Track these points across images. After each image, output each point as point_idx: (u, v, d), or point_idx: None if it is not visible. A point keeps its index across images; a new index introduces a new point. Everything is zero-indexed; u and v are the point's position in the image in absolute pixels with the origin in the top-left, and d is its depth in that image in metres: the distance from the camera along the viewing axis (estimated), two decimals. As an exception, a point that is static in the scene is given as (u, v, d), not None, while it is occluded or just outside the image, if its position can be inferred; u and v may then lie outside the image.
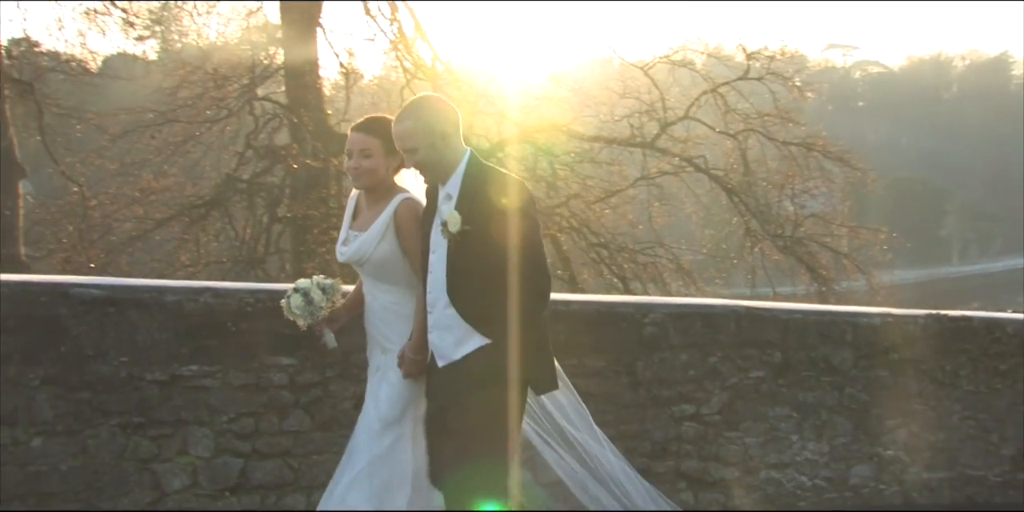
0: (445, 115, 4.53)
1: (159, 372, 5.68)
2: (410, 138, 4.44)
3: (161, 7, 22.06)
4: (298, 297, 4.75)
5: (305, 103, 18.92)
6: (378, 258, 4.66)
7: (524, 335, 4.31)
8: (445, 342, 4.46)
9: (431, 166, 4.47)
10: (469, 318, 4.39)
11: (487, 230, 4.33)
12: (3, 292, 5.52)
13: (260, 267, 18.75)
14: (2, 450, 5.44)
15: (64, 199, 19.30)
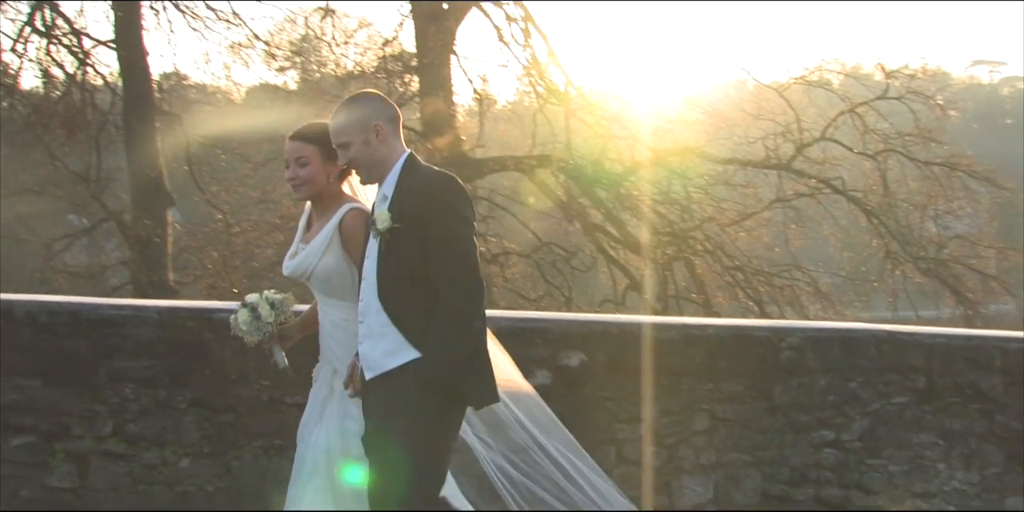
0: (381, 111, 4.21)
1: (299, 396, 5.76)
2: (343, 133, 4.15)
3: (301, 39, 22.71)
4: (245, 312, 4.46)
5: (439, 129, 19.19)
6: (322, 271, 4.34)
7: (455, 344, 3.95)
8: (375, 352, 4.09)
9: (365, 164, 4.17)
10: (400, 325, 4.04)
11: (417, 230, 4.01)
12: (154, 317, 5.72)
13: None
14: (153, 470, 5.63)
15: (209, 226, 19.99)
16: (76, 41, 18.70)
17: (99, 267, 19.99)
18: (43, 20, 18.37)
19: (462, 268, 4.00)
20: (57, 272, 19.24)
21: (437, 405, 3.97)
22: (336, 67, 22.74)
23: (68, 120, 18.34)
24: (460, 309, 3.97)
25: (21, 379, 5.54)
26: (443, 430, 4.03)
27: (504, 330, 5.98)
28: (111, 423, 5.63)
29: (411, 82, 20.87)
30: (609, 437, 6.12)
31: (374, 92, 4.41)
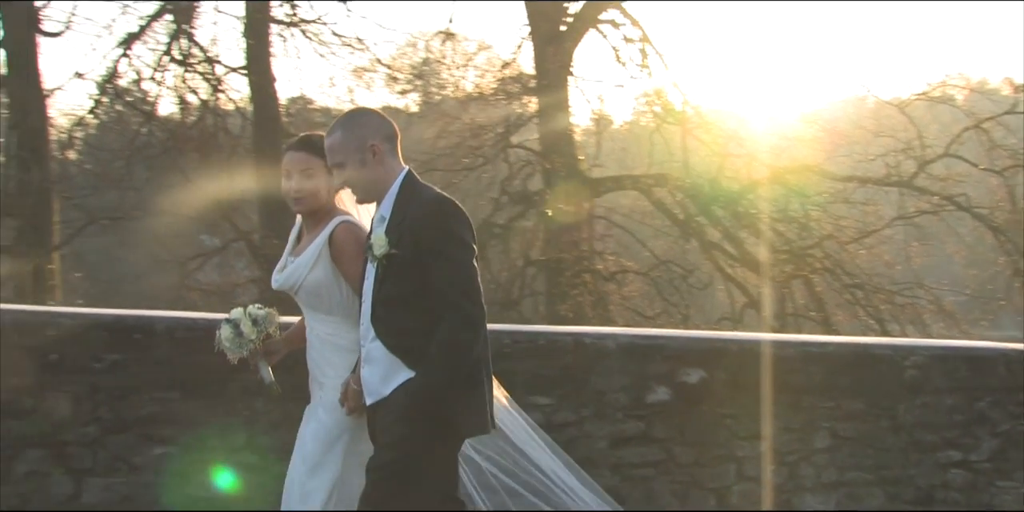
0: (378, 129, 4.08)
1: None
2: (339, 152, 4.04)
3: (422, 62, 23.15)
4: (228, 328, 4.40)
5: (558, 149, 19.36)
6: (310, 285, 4.26)
7: (447, 370, 3.86)
8: (373, 377, 4.03)
9: (361, 184, 4.06)
10: (395, 350, 3.96)
11: (415, 254, 3.91)
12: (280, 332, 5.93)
13: (515, 309, 19.21)
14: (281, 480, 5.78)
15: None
16: (210, 68, 19.40)
17: (230, 285, 20.61)
18: (180, 50, 19.13)
19: (461, 294, 3.88)
20: (192, 290, 19.92)
21: (428, 429, 3.89)
22: (456, 89, 23.13)
23: (202, 144, 19.03)
24: (458, 336, 3.86)
25: (160, 392, 5.77)
26: (436, 454, 3.96)
27: (623, 347, 6.09)
28: (244, 435, 5.81)
29: (529, 103, 21.11)
30: (729, 454, 6.13)
31: (371, 109, 4.33)
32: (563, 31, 19.90)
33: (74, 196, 19.26)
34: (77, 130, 20.14)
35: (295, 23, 19.80)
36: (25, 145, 17.96)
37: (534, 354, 5.97)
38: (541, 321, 17.76)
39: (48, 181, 18.14)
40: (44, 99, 18.52)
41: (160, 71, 19.24)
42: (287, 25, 19.82)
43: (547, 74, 19.48)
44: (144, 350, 5.76)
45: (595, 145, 21.09)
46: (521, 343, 5.98)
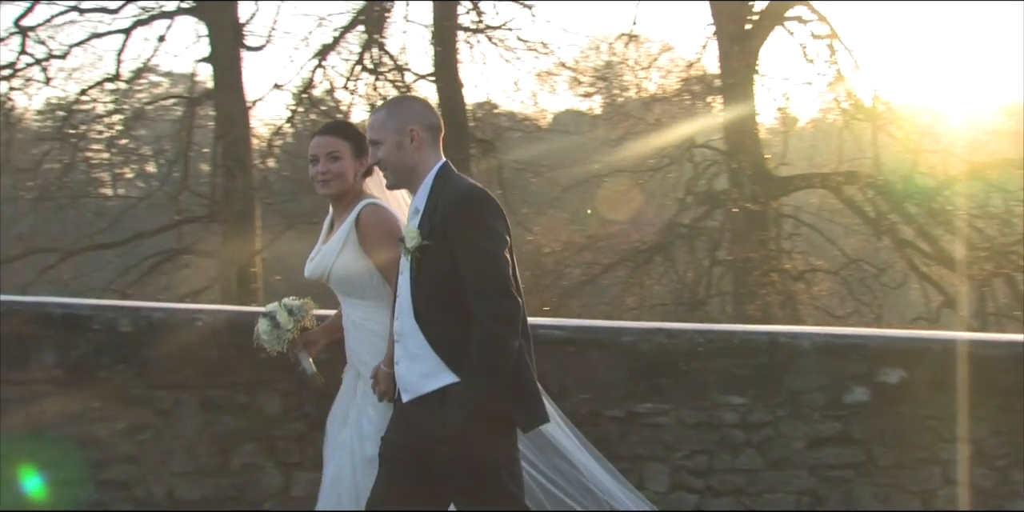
0: (422, 118, 4.06)
1: (617, 409, 5.96)
2: (379, 130, 4.02)
3: (605, 65, 23.24)
4: (265, 322, 4.37)
5: (743, 148, 19.14)
6: (339, 270, 4.25)
7: (495, 370, 3.77)
8: (412, 373, 3.95)
9: (393, 167, 4.02)
10: (437, 348, 3.89)
11: (446, 246, 3.84)
12: (479, 333, 6.07)
13: (702, 309, 19.07)
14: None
15: (521, 247, 20.67)
16: (399, 76, 19.95)
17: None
18: (371, 59, 19.74)
19: (493, 286, 3.80)
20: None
21: (486, 430, 3.82)
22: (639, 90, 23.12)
23: (389, 150, 19.53)
24: (495, 331, 3.77)
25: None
26: (502, 455, 3.91)
27: (819, 346, 6.00)
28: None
29: (714, 103, 20.93)
30: (933, 457, 5.95)
31: (421, 98, 4.38)
32: (748, 29, 19.65)
33: (274, 202, 20.08)
34: (276, 139, 20.98)
35: (481, 29, 20.17)
36: (230, 154, 18.85)
37: (728, 353, 5.95)
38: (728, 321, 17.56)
39: (251, 188, 18.97)
40: (247, 111, 19.40)
41: (352, 80, 19.90)
42: (473, 32, 20.21)
43: (732, 73, 19.27)
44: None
45: (782, 143, 20.75)
46: (714, 342, 5.97)
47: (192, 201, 20.01)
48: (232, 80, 19.09)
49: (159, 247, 19.95)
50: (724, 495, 5.93)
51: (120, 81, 19.99)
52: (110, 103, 21.05)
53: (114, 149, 23.32)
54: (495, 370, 3.78)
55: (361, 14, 19.82)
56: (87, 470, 5.60)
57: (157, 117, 23.66)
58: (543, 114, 24.05)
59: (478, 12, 20.24)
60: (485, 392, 3.77)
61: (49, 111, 23.49)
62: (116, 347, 5.58)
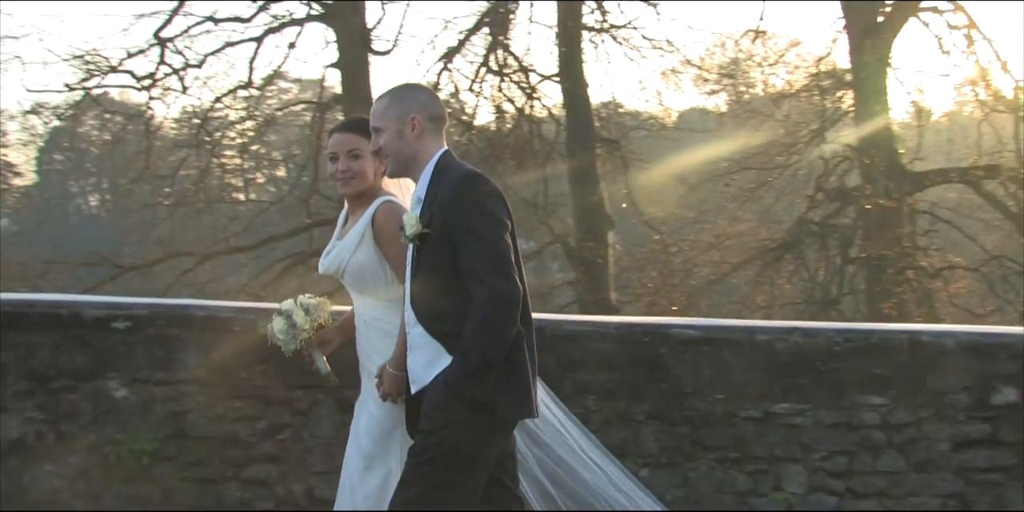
0: (425, 107, 3.99)
1: (753, 409, 5.89)
2: (380, 117, 3.97)
3: (731, 62, 22.97)
4: (280, 320, 4.27)
5: (876, 143, 18.68)
6: (354, 268, 4.17)
7: (481, 353, 3.66)
8: (416, 363, 3.90)
9: (393, 155, 3.97)
10: (435, 334, 3.82)
11: (445, 233, 3.78)
12: (612, 333, 6.04)
13: (835, 308, 18.70)
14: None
15: (647, 247, 20.65)
16: (524, 77, 20.02)
17: (547, 287, 21.15)
18: (496, 60, 19.85)
19: (492, 272, 3.71)
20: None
21: (467, 415, 3.72)
22: (766, 87, 22.78)
23: (518, 151, 19.65)
24: (490, 316, 3.68)
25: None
26: (475, 441, 3.76)
27: (964, 345, 5.82)
28: (575, 434, 5.97)
29: (843, 98, 20.50)
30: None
31: (425, 86, 4.26)
32: (881, 22, 19.17)
33: (401, 205, 20.30)
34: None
35: (605, 29, 20.10)
36: (357, 158, 19.12)
37: (866, 352, 5.82)
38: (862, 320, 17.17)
39: (380, 191, 19.21)
40: (375, 115, 19.64)
41: (478, 82, 20.02)
42: (598, 31, 20.16)
43: (864, 67, 18.81)
44: (480, 349, 5.98)
45: (916, 137, 20.20)
46: (853, 341, 5.85)
47: (322, 204, 20.36)
48: (360, 84, 19.37)
49: (291, 250, 20.36)
50: (865, 497, 5.80)
51: (252, 88, 20.48)
52: (242, 110, 21.61)
53: (246, 155, 23.92)
54: (483, 353, 3.68)
55: (486, 16, 19.93)
56: (229, 469, 5.74)
57: (287, 123, 24.19)
58: (668, 112, 23.88)
59: (602, 11, 20.19)
60: (471, 372, 3.68)
61: (185, 119, 24.22)
62: (256, 348, 5.69)
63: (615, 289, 19.70)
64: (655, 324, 6.22)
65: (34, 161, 32.53)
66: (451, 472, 3.74)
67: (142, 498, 5.68)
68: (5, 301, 5.91)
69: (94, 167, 39.03)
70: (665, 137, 22.06)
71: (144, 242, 20.52)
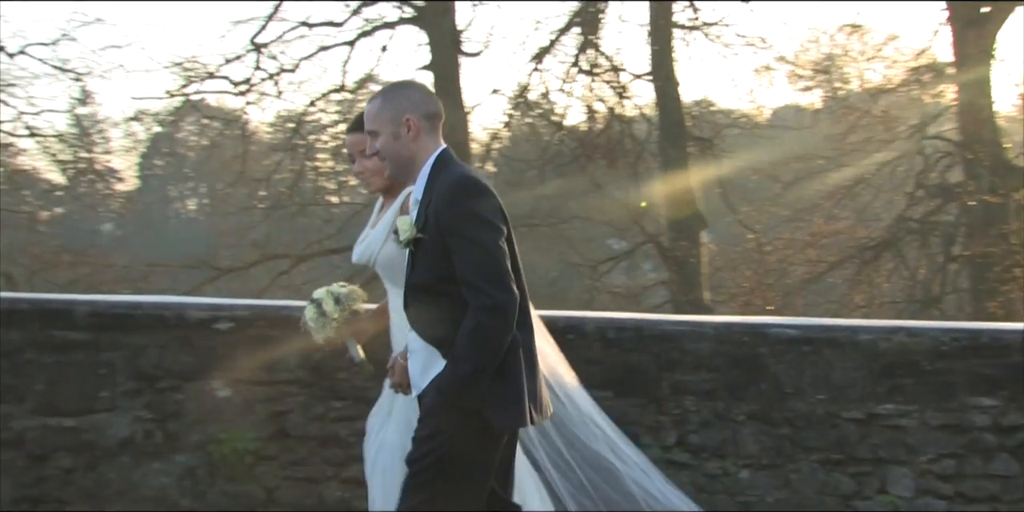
0: (418, 106, 3.89)
1: (855, 410, 5.78)
2: (374, 120, 3.90)
3: (825, 57, 22.61)
4: (312, 309, 4.26)
5: (979, 138, 18.20)
6: (384, 259, 4.18)
7: (473, 361, 3.59)
8: (414, 368, 3.85)
9: (391, 158, 3.89)
10: (430, 340, 3.76)
11: (439, 237, 3.69)
12: (710, 333, 5.97)
13: (936, 307, 18.28)
14: (715, 480, 5.86)
15: (741, 246, 20.43)
16: (615, 77, 19.97)
17: (639, 287, 21.04)
18: (587, 60, 19.82)
19: (486, 278, 3.62)
20: (602, 292, 20.55)
21: (459, 422, 3.66)
22: (862, 82, 22.38)
23: (609, 151, 19.61)
24: (484, 322, 3.60)
25: (595, 390, 5.92)
26: (470, 447, 3.70)
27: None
28: (675, 433, 5.89)
29: (944, 92, 20.04)
30: None
31: (417, 84, 4.14)
32: (985, 14, 18.68)
33: (495, 205, 20.35)
34: (495, 143, 21.31)
35: (697, 27, 19.96)
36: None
37: (975, 353, 5.69)
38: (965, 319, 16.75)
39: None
40: (466, 116, 19.77)
41: (568, 82, 20.02)
42: (689, 29, 20.02)
43: (967, 59, 18.35)
44: (577, 349, 5.93)
45: (1022, 131, 19.64)
46: (960, 341, 5.71)
47: (416, 206, 20.48)
48: (451, 86, 19.48)
49: (385, 252, 20.52)
50: (977, 501, 5.66)
51: (345, 91, 20.72)
52: (335, 113, 21.87)
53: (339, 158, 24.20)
54: (475, 360, 3.61)
55: (576, 16, 19.91)
56: (330, 469, 5.80)
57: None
58: (760, 110, 23.61)
59: (694, 9, 20.07)
60: (461, 379, 3.62)
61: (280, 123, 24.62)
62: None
63: (708, 289, 19.53)
64: (754, 324, 6.14)
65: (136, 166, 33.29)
66: (450, 479, 3.69)
67: (246, 496, 5.77)
68: (112, 303, 6.04)
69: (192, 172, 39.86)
70: (758, 135, 21.79)
71: (240, 245, 20.86)
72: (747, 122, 21.95)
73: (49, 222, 23.74)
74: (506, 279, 3.65)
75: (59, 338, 5.80)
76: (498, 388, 3.65)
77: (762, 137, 21.70)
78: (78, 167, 22.31)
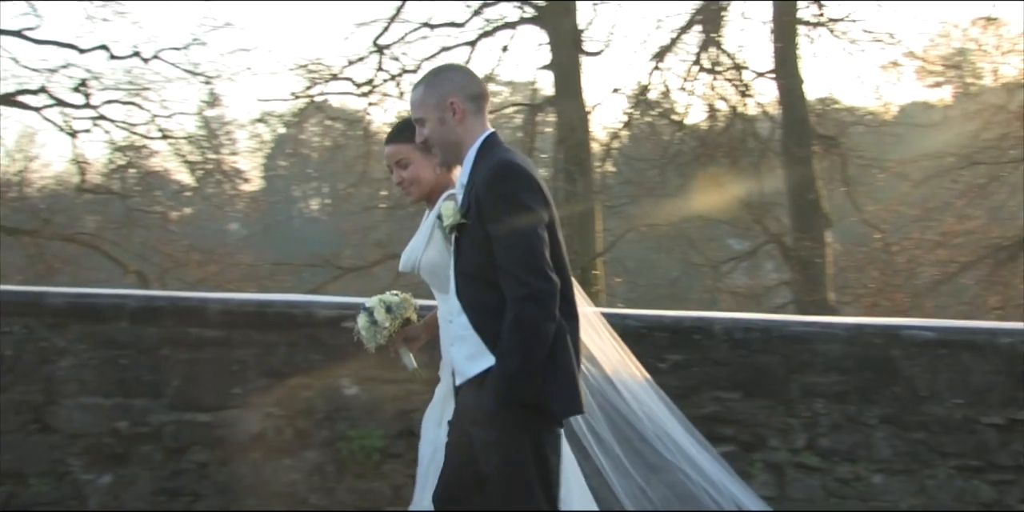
0: (462, 88, 3.84)
1: (996, 416, 5.62)
2: (419, 107, 3.85)
3: (956, 52, 21.97)
4: (364, 317, 4.22)
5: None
6: (427, 264, 4.09)
7: (521, 354, 3.53)
8: (460, 355, 3.78)
9: (440, 143, 3.84)
10: (479, 329, 3.69)
11: (481, 223, 3.65)
12: (841, 334, 5.85)
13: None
14: (846, 485, 5.75)
15: (867, 246, 19.97)
16: (737, 75, 19.72)
17: (761, 288, 20.74)
18: (708, 58, 19.62)
19: (524, 266, 3.57)
20: (723, 292, 20.32)
21: (517, 415, 3.60)
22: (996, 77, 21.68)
23: (731, 149, 19.38)
24: (525, 313, 3.55)
25: (722, 392, 5.89)
26: (534, 439, 3.64)
27: None
28: (804, 437, 5.81)
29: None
30: None
31: (459, 66, 4.12)
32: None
33: (614, 205, 20.32)
34: (615, 142, 21.22)
35: (823, 23, 19.59)
36: (571, 159, 19.23)
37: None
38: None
39: (591, 192, 19.27)
40: (587, 115, 19.73)
41: (689, 81, 19.83)
42: (814, 25, 19.66)
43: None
44: (704, 350, 5.91)
45: None
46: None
47: (535, 205, 20.51)
48: (572, 86, 19.47)
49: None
50: None
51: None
52: (454, 114, 21.97)
53: (460, 158, 24.36)
54: (523, 353, 3.56)
55: (698, 14, 19.72)
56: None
57: (499, 125, 24.49)
58: (887, 107, 23.03)
59: (819, 5, 19.69)
60: (513, 375, 3.56)
61: (400, 124, 24.82)
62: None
63: (833, 289, 19.14)
64: (887, 325, 6.01)
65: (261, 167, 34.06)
66: (527, 474, 3.63)
67: (373, 494, 5.84)
68: (244, 301, 6.18)
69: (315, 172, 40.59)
70: (885, 132, 21.26)
71: (363, 244, 21.14)
72: (873, 119, 21.44)
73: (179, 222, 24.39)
74: (544, 267, 3.60)
75: (194, 335, 5.95)
76: (552, 376, 3.62)
77: (889, 134, 21.17)
78: (206, 168, 22.89)
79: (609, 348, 4.30)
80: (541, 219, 3.65)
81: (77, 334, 5.91)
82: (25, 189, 23.61)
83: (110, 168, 22.50)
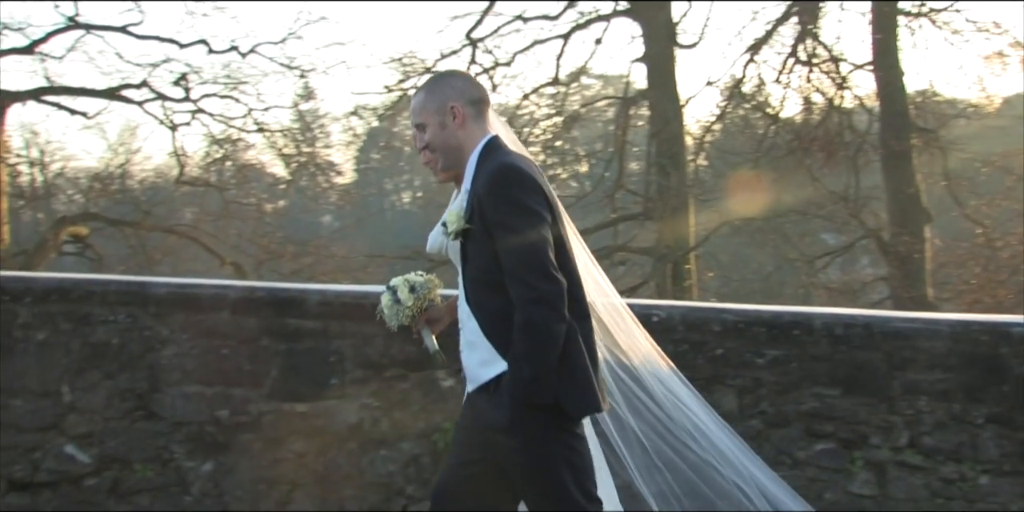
0: (462, 93, 3.85)
1: None
2: (420, 113, 3.85)
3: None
4: (387, 296, 4.15)
5: None
6: (452, 249, 3.93)
7: (533, 359, 3.52)
8: (472, 361, 3.77)
9: (441, 149, 3.82)
10: (490, 334, 3.67)
11: (485, 228, 3.64)
12: (945, 330, 5.72)
13: None
14: (951, 485, 5.61)
15: (969, 241, 19.53)
16: (834, 67, 19.40)
17: (858, 283, 20.40)
18: (805, 50, 19.32)
19: (528, 269, 3.56)
20: (818, 287, 20.03)
21: (537, 419, 3.60)
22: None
23: (827, 143, 19.07)
24: (534, 317, 3.54)
25: (821, 388, 5.80)
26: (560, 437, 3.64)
27: None
28: (907, 435, 5.69)
29: None
30: None
31: (460, 72, 4.11)
32: None
33: (708, 198, 20.16)
34: (708, 136, 21.04)
35: (924, 13, 19.15)
36: (664, 152, 19.13)
37: None
38: None
39: (684, 185, 19.14)
40: (680, 109, 19.59)
41: (785, 73, 19.56)
42: (915, 16, 19.24)
43: None
44: (803, 346, 5.82)
45: None
46: None
47: (627, 199, 20.46)
48: (666, 79, 19.34)
49: (595, 245, 20.54)
50: None
51: (558, 85, 20.82)
52: (547, 107, 22.02)
53: (550, 151, 24.37)
54: (535, 357, 3.55)
55: (795, 5, 19.44)
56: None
57: (591, 119, 24.45)
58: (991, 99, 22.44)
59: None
60: (528, 380, 3.56)
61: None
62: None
63: (932, 285, 18.75)
64: (995, 322, 5.85)
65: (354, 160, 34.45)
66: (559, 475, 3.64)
67: (468, 485, 5.84)
68: (341, 292, 6.22)
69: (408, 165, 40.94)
70: (988, 125, 20.75)
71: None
72: (975, 112, 20.92)
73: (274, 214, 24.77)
74: (549, 268, 3.59)
75: (292, 326, 6.00)
76: (566, 377, 3.62)
77: (992, 127, 20.65)
78: (301, 161, 23.21)
79: (639, 340, 4.27)
80: (545, 221, 3.66)
81: (180, 323, 6.01)
82: (127, 182, 24.18)
83: (207, 161, 22.97)
